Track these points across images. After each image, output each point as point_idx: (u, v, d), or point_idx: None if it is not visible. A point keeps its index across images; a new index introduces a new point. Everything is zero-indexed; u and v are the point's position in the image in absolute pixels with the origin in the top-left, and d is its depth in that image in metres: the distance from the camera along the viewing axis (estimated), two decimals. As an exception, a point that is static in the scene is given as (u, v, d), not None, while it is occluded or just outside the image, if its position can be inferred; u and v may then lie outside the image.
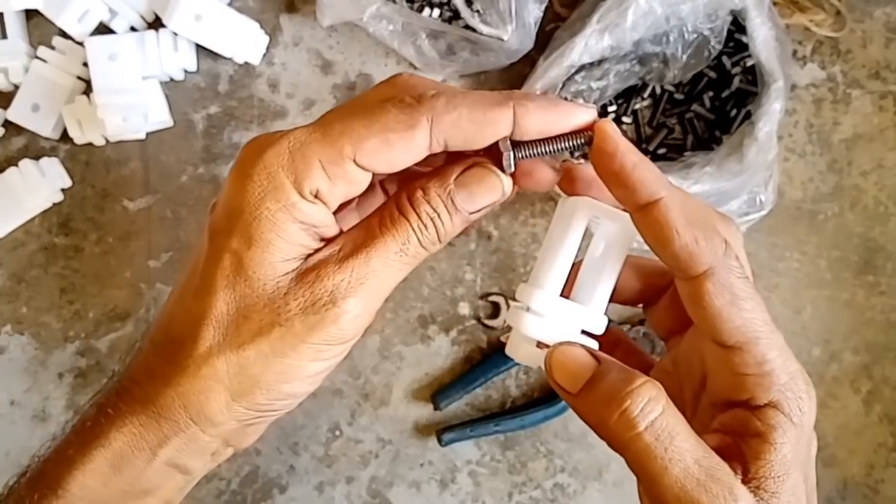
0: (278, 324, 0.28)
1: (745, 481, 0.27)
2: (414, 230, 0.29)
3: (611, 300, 0.32)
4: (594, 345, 0.30)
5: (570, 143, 0.29)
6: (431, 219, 0.29)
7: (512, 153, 0.29)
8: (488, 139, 0.29)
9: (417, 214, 0.29)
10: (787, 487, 0.27)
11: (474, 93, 0.28)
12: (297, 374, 0.29)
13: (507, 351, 0.32)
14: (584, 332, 0.31)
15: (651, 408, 0.26)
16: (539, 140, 0.29)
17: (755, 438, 0.27)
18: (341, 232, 0.30)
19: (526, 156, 0.30)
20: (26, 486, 0.30)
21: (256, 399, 0.29)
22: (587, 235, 0.31)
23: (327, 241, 0.30)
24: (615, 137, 0.28)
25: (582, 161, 0.30)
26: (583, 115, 0.29)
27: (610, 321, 0.33)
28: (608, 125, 0.28)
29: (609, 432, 0.26)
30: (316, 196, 0.28)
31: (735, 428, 0.28)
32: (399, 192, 0.30)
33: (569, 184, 0.31)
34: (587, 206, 0.31)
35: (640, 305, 0.35)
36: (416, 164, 0.29)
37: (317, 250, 0.29)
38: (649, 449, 0.25)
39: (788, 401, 0.28)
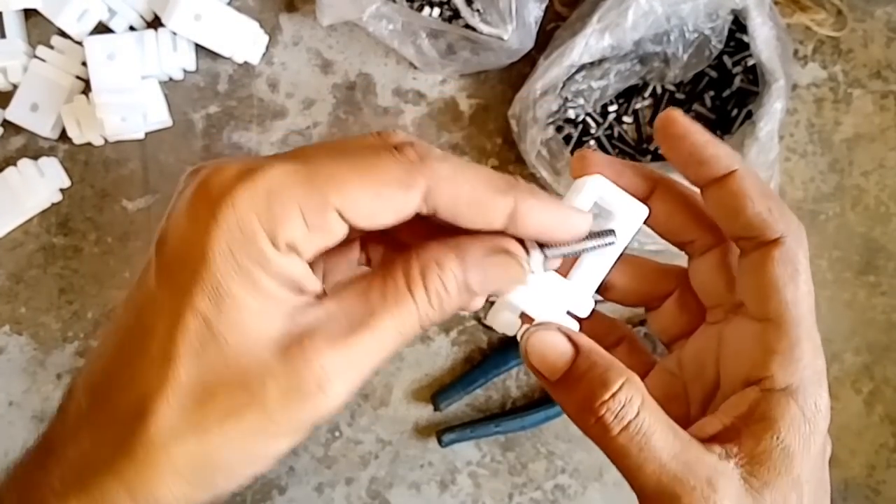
0: (253, 407, 0.24)
1: (738, 464, 0.26)
2: (419, 310, 0.25)
3: (604, 294, 0.32)
4: (575, 325, 0.29)
5: (597, 243, 0.28)
6: (440, 299, 0.26)
7: (541, 254, 0.27)
8: (478, 226, 0.26)
9: (427, 292, 0.25)
10: (785, 483, 0.26)
11: (479, 170, 0.26)
12: (266, 458, 0.25)
13: (487, 318, 0.31)
14: (568, 313, 0.30)
15: (626, 412, 0.25)
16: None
17: (759, 423, 0.27)
18: (323, 291, 0.26)
19: (553, 256, 0.28)
20: None
21: (217, 483, 0.25)
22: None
23: (306, 293, 0.25)
24: (682, 120, 0.28)
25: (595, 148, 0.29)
26: (581, 222, 0.28)
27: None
28: (673, 111, 0.28)
29: (586, 432, 0.26)
30: (290, 247, 0.24)
31: (741, 410, 0.27)
32: (408, 258, 0.26)
33: (582, 171, 0.30)
34: (598, 184, 0.29)
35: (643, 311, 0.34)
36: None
37: (299, 309, 0.25)
38: (625, 449, 0.25)
39: (806, 392, 0.27)
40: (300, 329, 0.24)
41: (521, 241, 0.28)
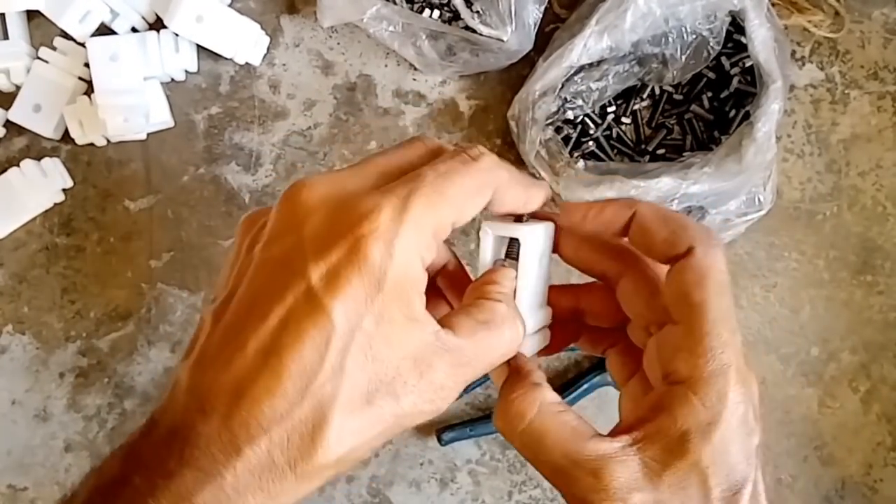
0: (394, 408, 0.27)
1: (640, 450, 0.28)
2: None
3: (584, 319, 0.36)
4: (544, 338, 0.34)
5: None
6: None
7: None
8: (506, 212, 0.32)
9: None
10: (683, 466, 0.28)
11: (518, 172, 0.31)
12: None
13: None
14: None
15: (517, 422, 0.30)
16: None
17: (661, 412, 0.29)
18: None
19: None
20: None
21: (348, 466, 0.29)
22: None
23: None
24: (575, 205, 0.33)
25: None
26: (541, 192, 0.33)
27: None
28: (567, 204, 0.34)
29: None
30: (427, 267, 0.28)
31: (651, 402, 0.30)
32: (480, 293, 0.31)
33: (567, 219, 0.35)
34: (487, 228, 0.33)
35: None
36: None
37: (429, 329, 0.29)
38: (523, 451, 0.30)
39: (707, 384, 0.29)
40: (431, 344, 0.28)
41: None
